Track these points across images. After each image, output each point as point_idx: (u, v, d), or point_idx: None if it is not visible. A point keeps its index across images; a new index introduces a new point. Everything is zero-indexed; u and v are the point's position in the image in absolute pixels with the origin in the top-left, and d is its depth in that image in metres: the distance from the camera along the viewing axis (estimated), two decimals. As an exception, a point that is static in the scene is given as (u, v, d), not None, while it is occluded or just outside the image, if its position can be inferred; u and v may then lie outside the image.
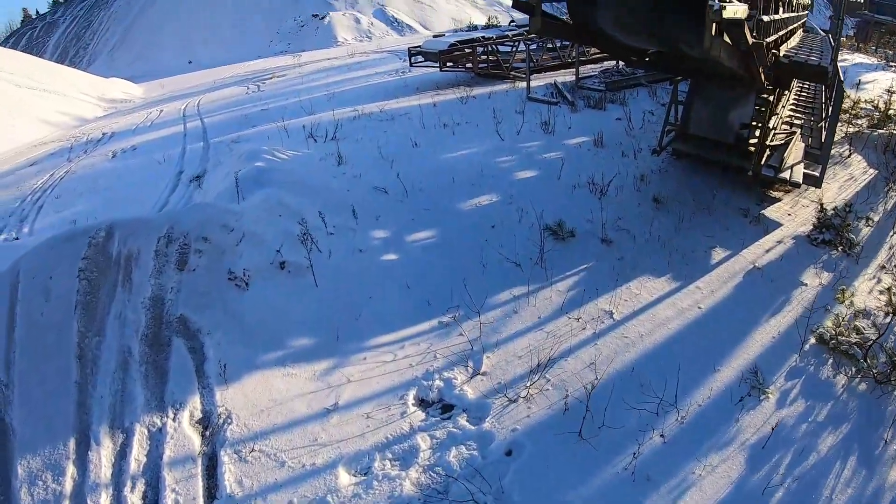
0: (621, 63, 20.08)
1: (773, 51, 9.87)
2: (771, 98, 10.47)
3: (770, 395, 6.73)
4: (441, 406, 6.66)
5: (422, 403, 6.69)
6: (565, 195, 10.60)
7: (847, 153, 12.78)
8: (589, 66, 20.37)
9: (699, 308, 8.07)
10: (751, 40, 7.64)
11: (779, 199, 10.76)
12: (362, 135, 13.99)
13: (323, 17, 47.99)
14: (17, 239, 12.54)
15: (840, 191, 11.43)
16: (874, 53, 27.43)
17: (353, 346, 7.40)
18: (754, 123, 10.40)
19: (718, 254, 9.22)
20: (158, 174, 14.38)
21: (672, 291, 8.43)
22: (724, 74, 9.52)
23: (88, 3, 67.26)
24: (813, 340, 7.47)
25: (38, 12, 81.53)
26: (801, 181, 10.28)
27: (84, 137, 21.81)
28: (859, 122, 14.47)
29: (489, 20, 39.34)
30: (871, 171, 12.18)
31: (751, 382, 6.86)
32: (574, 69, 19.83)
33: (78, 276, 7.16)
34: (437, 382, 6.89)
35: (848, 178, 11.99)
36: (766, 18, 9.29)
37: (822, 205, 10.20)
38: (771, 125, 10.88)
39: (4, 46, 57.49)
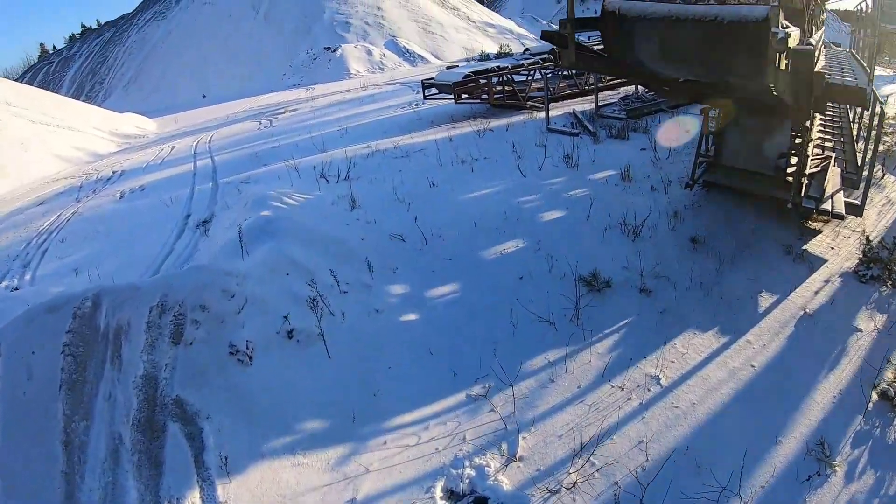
0: (640, 89, 19.55)
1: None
2: (807, 124, 9.67)
3: (837, 469, 5.90)
4: (473, 499, 5.74)
5: (451, 496, 5.78)
6: (596, 239, 9.71)
7: (880, 174, 11.94)
8: (606, 92, 19.52)
9: (752, 367, 7.18)
10: (817, 68, 6.85)
11: (819, 231, 9.95)
12: (376, 174, 13.15)
13: (335, 50, 47.46)
14: (16, 289, 11.74)
15: (879, 217, 10.59)
16: (888, 64, 26.46)
17: (371, 427, 6.49)
18: (791, 152, 9.67)
19: (766, 299, 8.33)
20: (166, 217, 13.57)
21: (721, 348, 7.53)
22: (764, 103, 8.79)
23: (104, 38, 67.52)
24: (875, 397, 6.67)
25: (54, 47, 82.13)
26: (843, 212, 9.56)
27: (94, 175, 21.15)
28: (886, 138, 13.52)
29: (501, 48, 38.59)
30: (909, 193, 11.27)
31: (816, 454, 6.01)
32: (590, 96, 19.07)
33: (62, 352, 6.32)
34: (468, 471, 5.96)
35: (885, 201, 11.13)
36: (813, 41, 8.47)
37: (868, 238, 9.45)
38: (808, 153, 10.00)
39: (21, 81, 57.61)
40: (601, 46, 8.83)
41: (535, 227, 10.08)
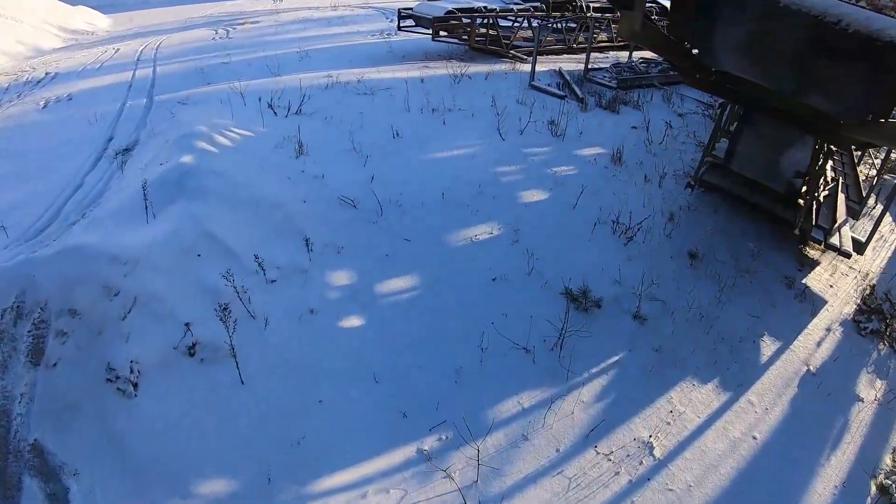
0: (634, 58, 17.70)
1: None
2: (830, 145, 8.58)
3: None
4: None
5: None
6: (584, 236, 8.06)
7: (872, 203, 10.65)
8: (595, 54, 17.54)
9: (754, 438, 5.97)
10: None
11: (818, 262, 8.85)
12: (332, 111, 11.06)
13: (309, -40, 43.92)
14: None
15: (874, 254, 9.51)
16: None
17: (291, 492, 4.72)
18: (807, 173, 8.63)
19: (768, 346, 7.14)
20: (85, 137, 11.25)
21: (722, 408, 6.25)
22: (800, 114, 7.63)
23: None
24: (874, 490, 5.77)
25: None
26: (851, 251, 8.62)
27: (25, 76, 18.24)
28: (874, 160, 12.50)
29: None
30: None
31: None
32: (578, 55, 17.26)
33: None
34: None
35: (878, 237, 9.77)
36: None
37: (869, 285, 8.67)
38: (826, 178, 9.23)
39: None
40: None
41: (514, 208, 8.30)
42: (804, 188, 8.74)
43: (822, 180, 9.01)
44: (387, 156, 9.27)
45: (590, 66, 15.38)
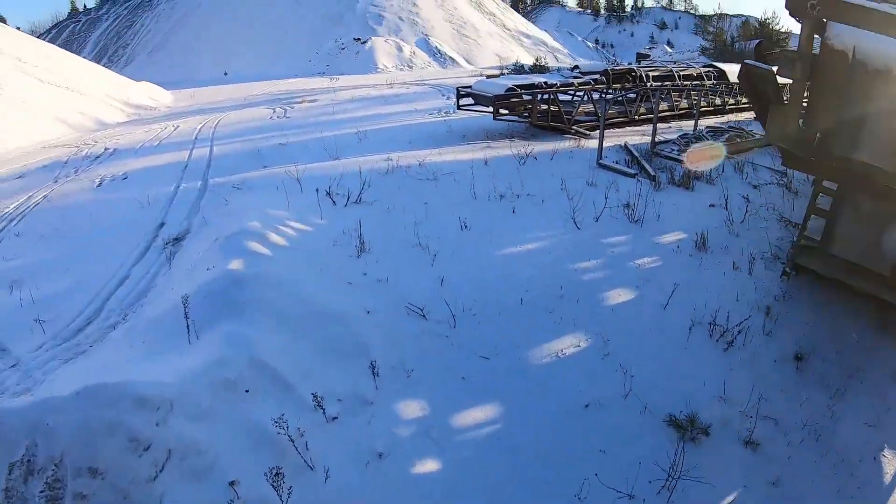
0: (701, 126, 16.74)
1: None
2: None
3: None
4: None
5: None
6: (680, 344, 7.06)
7: None
8: (659, 124, 16.63)
9: None
10: None
11: None
12: (395, 200, 10.32)
13: (364, 42, 44.45)
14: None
15: None
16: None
17: None
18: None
19: (890, 463, 5.97)
20: (136, 222, 10.74)
21: None
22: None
23: (134, 2, 64.20)
24: None
25: (84, 6, 78.68)
26: None
27: (85, 150, 18.27)
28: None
29: (536, 60, 35.55)
30: None
31: None
32: (640, 126, 16.84)
33: None
34: None
35: None
36: None
37: None
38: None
39: (44, 38, 54.82)
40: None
41: (600, 313, 7.29)
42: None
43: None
44: (456, 252, 8.42)
45: (656, 139, 14.46)
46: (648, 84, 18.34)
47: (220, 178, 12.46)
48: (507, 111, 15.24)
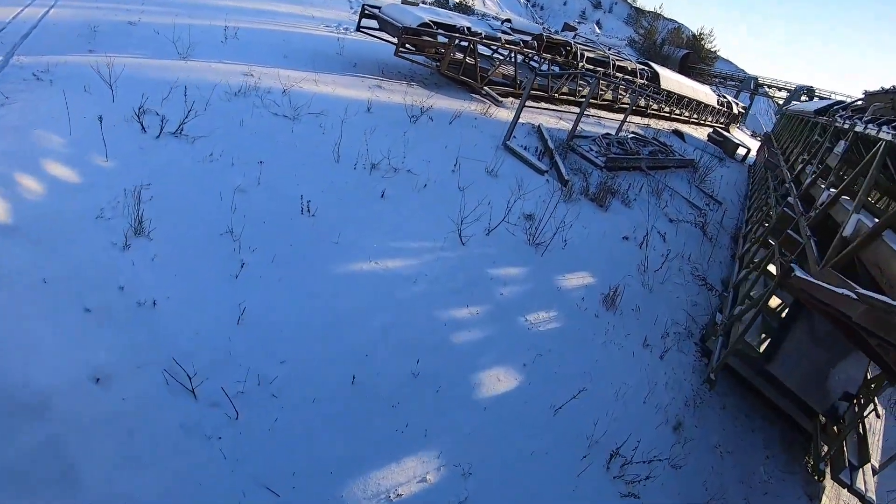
0: (626, 130, 14.44)
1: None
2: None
3: None
4: None
5: None
6: (568, 482, 4.65)
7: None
8: (574, 110, 14.13)
9: None
10: None
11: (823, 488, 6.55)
12: (227, 141, 7.03)
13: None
14: None
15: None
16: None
17: None
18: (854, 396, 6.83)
19: None
20: None
21: None
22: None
23: None
24: None
25: None
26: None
27: None
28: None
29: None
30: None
31: None
32: (557, 108, 14.80)
33: None
34: None
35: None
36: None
37: None
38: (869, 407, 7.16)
39: None
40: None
41: (466, 417, 4.66)
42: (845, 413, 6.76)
43: (864, 412, 6.93)
44: (280, 257, 5.40)
45: (575, 133, 11.98)
46: (581, 64, 15.73)
47: (27, 58, 8.51)
48: (413, 49, 12.12)
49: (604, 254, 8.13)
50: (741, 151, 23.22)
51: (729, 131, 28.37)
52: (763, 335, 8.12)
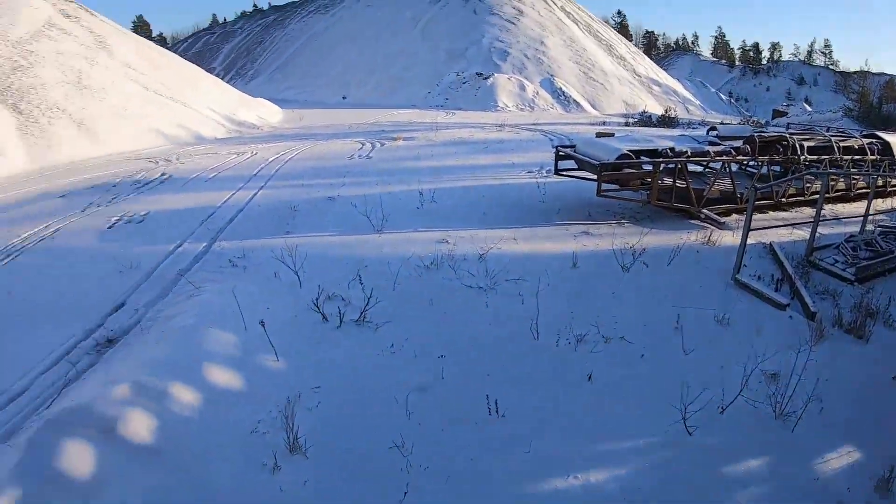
0: (875, 224, 12.19)
1: None
2: None
3: None
4: None
5: None
6: None
7: None
8: (807, 209, 12.13)
9: None
10: None
11: None
12: (413, 327, 6.47)
13: (486, 78, 41.17)
14: None
15: None
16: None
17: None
18: None
19: None
20: (95, 291, 7.75)
21: None
22: None
23: (267, 20, 64.55)
24: None
25: (225, 20, 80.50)
26: None
27: (141, 174, 15.86)
28: None
29: (666, 112, 30.91)
30: None
31: None
32: (787, 214, 12.58)
33: None
34: None
35: None
36: None
37: None
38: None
39: (180, 46, 55.60)
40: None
41: None
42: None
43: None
44: (455, 479, 4.40)
45: (814, 243, 10.09)
46: (803, 157, 13.76)
47: (228, 243, 9.25)
48: (616, 183, 11.27)
49: (870, 411, 6.20)
50: None
51: None
52: None
